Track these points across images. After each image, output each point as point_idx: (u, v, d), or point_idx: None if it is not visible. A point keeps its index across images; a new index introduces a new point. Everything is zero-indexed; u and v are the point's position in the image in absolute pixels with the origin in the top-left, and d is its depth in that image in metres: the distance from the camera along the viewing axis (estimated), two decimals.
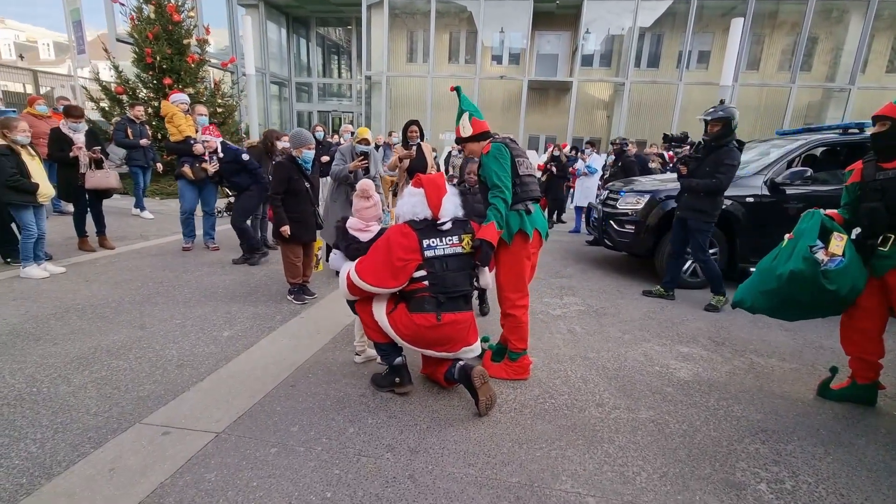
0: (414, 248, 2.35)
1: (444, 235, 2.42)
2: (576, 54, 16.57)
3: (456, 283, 2.40)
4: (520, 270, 2.71)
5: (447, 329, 2.37)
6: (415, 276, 2.37)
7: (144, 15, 10.73)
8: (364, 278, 2.35)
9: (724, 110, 4.06)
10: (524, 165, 2.70)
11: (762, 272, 2.69)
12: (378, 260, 2.37)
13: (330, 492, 1.84)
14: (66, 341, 3.09)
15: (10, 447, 2.03)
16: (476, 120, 2.77)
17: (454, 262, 2.41)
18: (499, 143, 2.67)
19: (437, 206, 2.42)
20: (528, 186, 2.69)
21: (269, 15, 18.65)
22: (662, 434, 2.33)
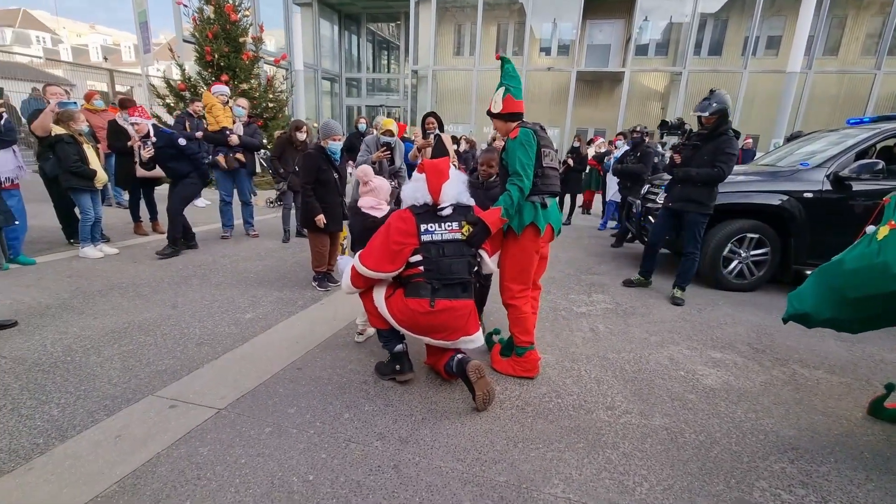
0: (411, 231, 2.32)
1: (444, 221, 2.37)
2: (629, 43, 15.77)
3: (452, 269, 2.34)
4: (526, 263, 2.61)
5: (442, 316, 2.31)
6: (411, 260, 2.34)
7: (205, 16, 11.38)
8: (364, 263, 2.36)
9: (718, 102, 3.85)
10: (549, 157, 2.58)
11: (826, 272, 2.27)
12: (377, 244, 2.36)
13: (313, 475, 1.85)
14: (105, 316, 3.33)
15: (35, 409, 2.21)
16: (510, 98, 2.55)
17: (451, 248, 2.35)
18: (528, 129, 2.51)
19: (436, 192, 2.37)
20: (549, 179, 2.57)
21: (322, 13, 19.22)
22: (675, 444, 2.15)
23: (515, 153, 2.46)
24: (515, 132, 2.51)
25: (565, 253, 6.14)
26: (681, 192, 4.09)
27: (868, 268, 2.04)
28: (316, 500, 1.71)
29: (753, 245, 4.52)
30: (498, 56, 2.66)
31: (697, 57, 15.79)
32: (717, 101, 3.85)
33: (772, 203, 4.44)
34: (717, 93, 3.92)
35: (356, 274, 2.41)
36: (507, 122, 2.59)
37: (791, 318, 2.41)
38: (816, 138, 5.25)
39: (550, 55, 18.06)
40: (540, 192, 2.54)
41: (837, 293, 2.18)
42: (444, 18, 18.29)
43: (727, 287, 4.57)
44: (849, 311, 2.19)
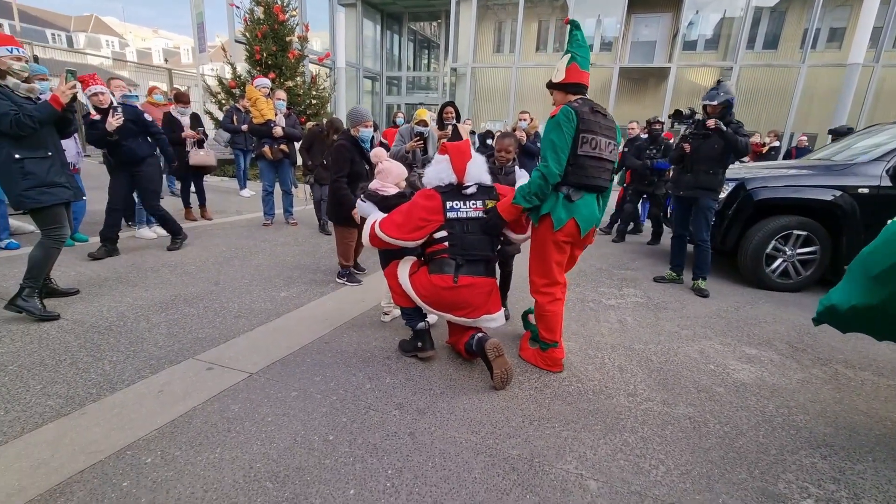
0: (437, 209, 2.37)
1: (468, 199, 2.41)
2: (676, 38, 15.17)
3: (476, 245, 2.38)
4: (544, 256, 2.47)
5: (464, 292, 2.35)
6: (435, 236, 2.39)
7: (255, 16, 11.92)
8: (384, 230, 2.42)
9: (725, 92, 3.91)
10: (590, 144, 2.27)
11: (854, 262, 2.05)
12: (400, 218, 2.43)
13: (333, 435, 1.94)
14: (154, 289, 3.59)
15: (91, 365, 2.43)
16: (575, 67, 2.32)
17: (475, 225, 2.40)
18: (573, 108, 2.26)
19: (461, 171, 2.42)
20: (584, 170, 2.29)
21: (365, 13, 19.65)
22: (698, 433, 2.09)
23: (547, 134, 2.31)
24: (556, 110, 2.31)
25: (598, 249, 6.02)
26: (689, 180, 4.09)
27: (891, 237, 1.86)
28: (334, 458, 1.80)
29: (800, 243, 4.28)
30: (567, 20, 2.44)
31: (751, 51, 14.97)
32: (724, 91, 3.92)
33: (823, 199, 4.19)
34: (724, 84, 4.03)
35: (374, 235, 2.46)
36: (568, 95, 2.37)
37: (820, 315, 2.21)
38: (878, 131, 4.89)
39: (593, 51, 17.65)
40: (568, 182, 2.32)
41: (861, 272, 1.99)
42: (485, 16, 18.26)
43: (770, 287, 4.35)
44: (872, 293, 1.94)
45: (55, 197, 2.89)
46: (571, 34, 2.35)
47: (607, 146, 2.35)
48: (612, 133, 2.39)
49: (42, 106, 2.76)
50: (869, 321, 2.05)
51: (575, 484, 1.73)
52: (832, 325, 2.20)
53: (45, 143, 2.90)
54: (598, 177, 2.36)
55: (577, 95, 2.38)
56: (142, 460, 1.73)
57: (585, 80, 2.37)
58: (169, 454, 1.77)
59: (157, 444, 1.83)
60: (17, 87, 2.80)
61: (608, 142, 2.35)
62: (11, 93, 2.76)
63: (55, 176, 2.91)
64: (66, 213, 3.04)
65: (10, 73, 2.75)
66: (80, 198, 3.17)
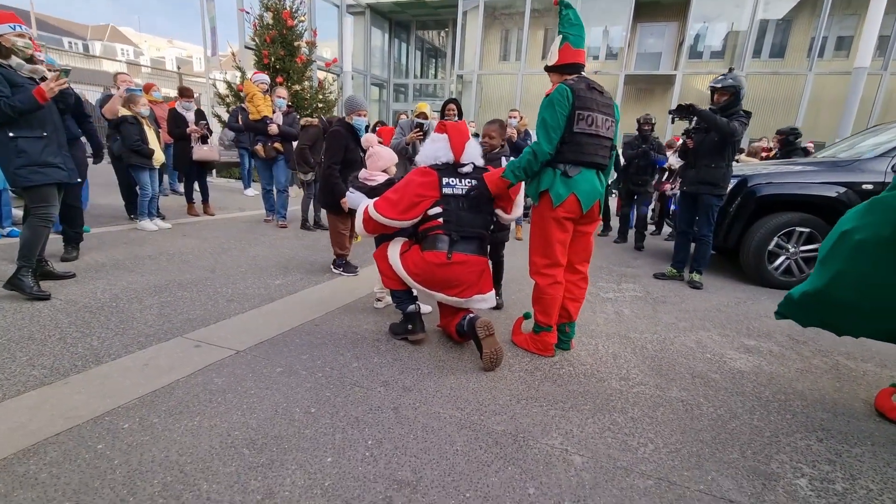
0: (433, 184, 2.37)
1: (464, 177, 2.40)
2: (682, 47, 15.20)
3: (470, 222, 2.38)
4: (546, 234, 2.41)
5: (456, 269, 2.33)
6: (430, 213, 2.38)
7: (264, 22, 12.12)
8: (380, 210, 2.40)
9: (733, 78, 3.86)
10: (586, 121, 2.24)
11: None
12: (395, 196, 2.41)
13: (315, 408, 1.91)
14: (150, 274, 3.60)
15: (79, 339, 2.42)
16: (567, 47, 2.28)
17: (470, 202, 2.38)
18: (568, 86, 2.24)
19: (459, 150, 2.42)
20: (581, 147, 2.25)
21: (374, 21, 19.92)
22: (690, 415, 2.04)
23: (541, 112, 2.29)
24: (551, 89, 2.27)
25: (599, 249, 5.97)
26: (695, 175, 4.09)
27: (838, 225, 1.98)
28: (315, 428, 1.77)
29: (803, 240, 4.21)
30: (556, 1, 2.35)
31: (757, 59, 14.97)
32: (731, 77, 3.89)
33: (827, 195, 4.13)
34: (735, 72, 4.00)
35: (368, 218, 2.45)
36: (564, 75, 2.33)
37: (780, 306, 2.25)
38: (883, 130, 4.83)
39: (599, 59, 17.74)
40: (565, 159, 2.29)
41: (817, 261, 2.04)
42: (492, 25, 18.44)
43: (773, 284, 4.28)
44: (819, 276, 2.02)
45: (46, 177, 2.89)
46: (561, 14, 2.31)
47: (604, 123, 2.31)
48: (609, 110, 2.35)
49: (26, 97, 2.73)
50: (820, 307, 2.06)
51: (559, 458, 1.68)
52: (792, 317, 2.21)
53: (43, 124, 2.91)
54: (596, 153, 2.32)
55: (574, 75, 2.35)
56: (119, 425, 1.71)
57: (581, 59, 2.34)
58: (147, 421, 1.75)
59: (137, 412, 1.80)
60: (21, 68, 2.83)
61: (605, 118, 2.32)
62: (15, 73, 2.79)
63: (49, 156, 2.91)
64: (56, 193, 3.02)
65: (14, 52, 2.79)
66: (74, 179, 3.15)
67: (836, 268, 1.95)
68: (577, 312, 2.58)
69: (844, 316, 2.03)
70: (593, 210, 2.41)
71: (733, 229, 4.43)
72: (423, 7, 19.21)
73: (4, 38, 2.74)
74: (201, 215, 6.32)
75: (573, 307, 2.55)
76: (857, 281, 1.90)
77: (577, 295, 2.55)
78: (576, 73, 2.36)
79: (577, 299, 2.56)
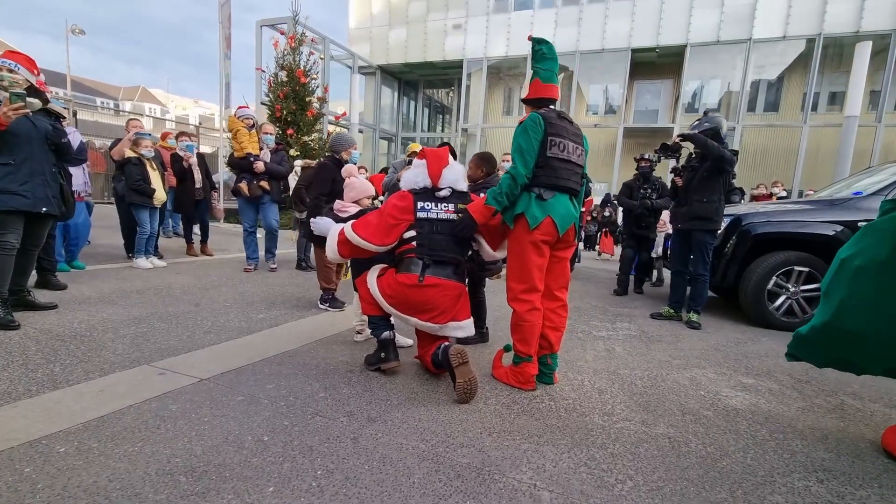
0: (408, 208, 2.36)
1: (441, 202, 2.40)
2: (678, 102, 15.76)
3: (444, 247, 2.34)
4: (523, 259, 2.38)
5: (430, 292, 2.27)
6: (405, 236, 2.36)
7: (279, 79, 12.88)
8: (357, 231, 2.38)
9: (709, 120, 3.93)
10: (558, 147, 2.30)
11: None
12: (372, 218, 2.41)
13: (268, 437, 1.78)
14: (133, 307, 3.56)
15: (41, 366, 2.35)
16: (537, 82, 2.36)
17: (445, 226, 2.38)
18: (539, 114, 2.31)
19: (436, 175, 2.43)
20: (555, 171, 2.30)
21: (384, 80, 21.10)
22: (676, 452, 1.87)
23: (515, 139, 2.33)
24: (524, 117, 2.35)
25: (597, 289, 5.86)
26: (687, 211, 4.04)
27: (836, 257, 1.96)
28: (263, 457, 1.64)
29: (803, 279, 4.09)
30: (529, 37, 2.43)
31: (752, 113, 15.41)
32: (708, 121, 3.96)
33: (823, 233, 4.06)
34: (711, 114, 4.06)
35: (344, 240, 2.41)
36: (537, 108, 2.40)
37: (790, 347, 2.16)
38: (877, 171, 4.83)
39: (598, 114, 18.40)
40: (540, 184, 2.32)
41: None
42: (496, 84, 19.40)
43: (774, 325, 4.10)
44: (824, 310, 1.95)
45: (2, 204, 2.87)
46: (534, 49, 2.39)
47: (575, 150, 2.37)
48: (578, 139, 2.41)
49: None
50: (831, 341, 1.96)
51: (525, 494, 1.52)
52: (804, 357, 2.11)
53: (13, 151, 2.91)
54: (569, 178, 2.35)
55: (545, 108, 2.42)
56: (55, 449, 1.61)
57: (550, 94, 2.39)
58: (85, 445, 1.64)
59: (77, 437, 1.70)
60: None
61: (575, 146, 2.37)
62: None
63: (11, 184, 2.89)
64: (15, 221, 2.96)
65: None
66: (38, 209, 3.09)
67: (839, 296, 1.88)
68: (558, 342, 2.46)
69: (859, 348, 1.91)
70: (569, 234, 2.39)
71: (730, 269, 4.34)
72: (430, 68, 20.36)
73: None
74: (199, 255, 6.37)
75: (554, 336, 2.44)
76: (862, 306, 1.83)
77: (557, 323, 2.46)
78: (546, 106, 2.42)
79: (557, 328, 2.46)
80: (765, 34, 13.91)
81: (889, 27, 12.75)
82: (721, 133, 3.94)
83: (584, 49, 16.05)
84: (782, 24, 13.73)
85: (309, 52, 13.07)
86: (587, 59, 16.35)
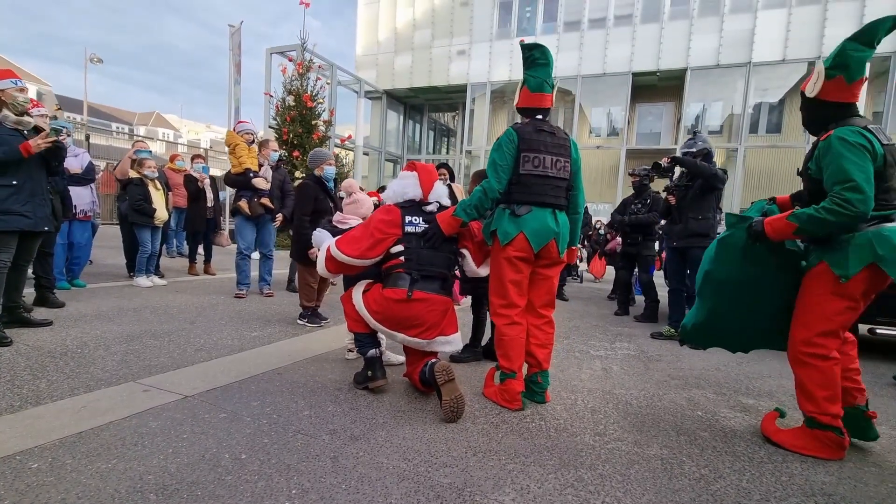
0: (396, 222, 2.35)
1: (428, 216, 2.38)
2: (680, 124, 15.87)
3: (432, 261, 2.32)
4: (499, 274, 2.35)
5: (417, 307, 2.24)
6: (392, 251, 2.34)
7: (287, 104, 13.19)
8: (341, 248, 2.36)
9: (702, 141, 3.98)
10: (532, 162, 2.26)
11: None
12: (357, 233, 2.39)
13: (246, 454, 1.74)
14: (128, 324, 3.56)
15: (28, 381, 2.33)
16: (525, 91, 2.33)
17: (426, 242, 2.34)
18: (514, 129, 2.30)
19: (428, 188, 2.43)
20: (528, 188, 2.27)
21: (390, 104, 21.52)
22: (668, 474, 1.80)
23: (491, 153, 2.33)
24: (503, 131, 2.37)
25: (599, 309, 5.78)
26: (682, 229, 4.02)
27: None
28: (238, 475, 1.60)
29: None
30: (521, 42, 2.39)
31: (755, 134, 15.46)
32: (700, 140, 3.99)
33: None
34: (700, 134, 4.11)
35: (330, 257, 2.40)
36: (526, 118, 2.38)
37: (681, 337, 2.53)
38: None
39: (601, 136, 18.56)
40: (513, 200, 2.28)
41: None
42: (500, 108, 19.70)
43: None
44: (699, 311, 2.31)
45: (5, 223, 2.92)
46: (525, 56, 2.36)
47: (555, 163, 2.32)
48: (561, 150, 2.34)
49: (9, 149, 2.87)
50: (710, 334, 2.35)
51: None
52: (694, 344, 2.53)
53: (16, 173, 2.98)
54: (545, 193, 2.30)
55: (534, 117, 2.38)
56: (28, 465, 1.58)
57: (538, 103, 2.36)
58: (59, 461, 1.61)
59: (52, 453, 1.67)
60: (5, 119, 2.95)
61: (556, 159, 2.32)
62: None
63: (14, 204, 2.95)
64: (12, 240, 3.01)
65: (7, 106, 2.95)
66: (39, 228, 3.12)
67: (709, 305, 2.26)
68: (547, 360, 2.41)
69: (730, 338, 2.33)
70: (551, 251, 2.33)
71: None
72: (435, 92, 20.76)
73: (5, 93, 2.95)
74: (201, 275, 6.41)
75: (541, 354, 2.39)
76: (726, 312, 2.22)
77: (543, 340, 2.40)
78: (536, 115, 2.39)
79: (543, 345, 2.40)
80: (764, 58, 14.07)
81: (888, 50, 12.85)
82: (711, 154, 3.98)
83: (585, 73, 16.31)
84: (781, 48, 13.89)
85: (316, 78, 13.39)
86: (589, 83, 16.58)
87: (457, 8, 18.43)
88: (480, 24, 17.88)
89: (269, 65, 14.94)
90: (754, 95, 14.96)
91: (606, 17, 15.91)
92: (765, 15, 14.02)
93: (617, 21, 15.81)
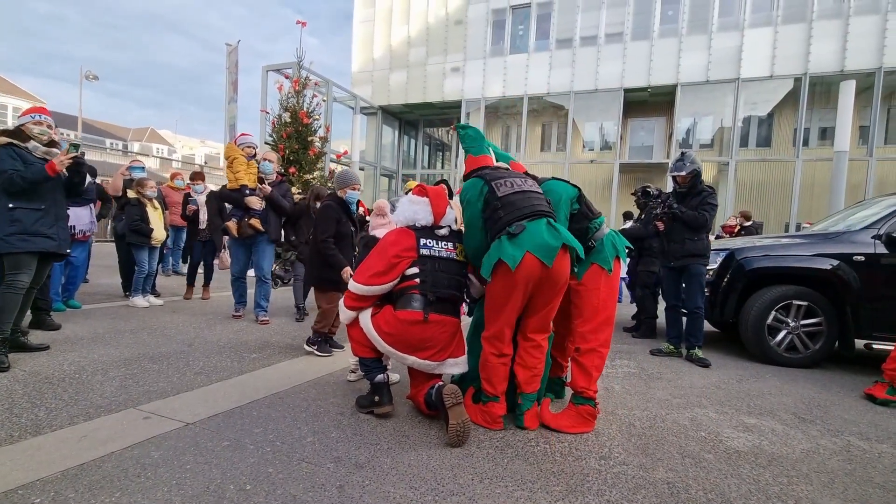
0: (411, 245, 2.36)
1: (441, 240, 2.42)
2: (671, 138, 16.13)
3: (446, 284, 2.36)
4: (496, 298, 2.28)
5: (432, 328, 2.27)
6: (407, 273, 2.35)
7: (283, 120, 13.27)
8: (357, 280, 2.38)
9: (691, 161, 4.05)
10: (506, 185, 2.29)
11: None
12: (372, 261, 2.40)
13: (251, 485, 1.72)
14: (125, 348, 3.52)
15: (27, 410, 2.30)
16: (469, 158, 2.56)
17: (447, 265, 2.39)
18: (470, 182, 2.41)
19: (440, 213, 2.45)
20: (513, 205, 2.24)
21: (385, 120, 21.73)
22: (675, 499, 1.79)
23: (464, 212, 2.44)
24: (459, 189, 2.50)
25: None
26: (680, 248, 4.05)
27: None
28: None
29: (802, 314, 4.04)
30: (453, 127, 2.65)
31: (745, 148, 15.72)
32: (689, 161, 4.05)
33: (820, 267, 4.05)
34: (689, 154, 4.16)
35: (349, 295, 2.42)
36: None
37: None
38: (870, 204, 4.87)
39: (594, 150, 18.79)
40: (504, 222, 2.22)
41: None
42: (494, 123, 19.93)
43: (777, 361, 4.03)
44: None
45: (33, 244, 3.01)
46: (460, 135, 2.61)
47: (524, 182, 2.37)
48: (521, 176, 2.44)
49: (36, 170, 2.98)
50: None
51: None
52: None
53: (43, 198, 3.10)
54: (532, 204, 2.26)
55: None
56: (30, 500, 1.55)
57: (484, 163, 2.53)
58: (62, 496, 1.59)
59: (55, 486, 1.65)
60: (35, 150, 3.11)
61: (523, 179, 2.39)
62: (28, 153, 3.05)
63: (41, 227, 3.06)
64: (31, 262, 3.07)
65: (32, 137, 3.09)
66: (64, 250, 3.26)
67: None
68: (528, 382, 2.35)
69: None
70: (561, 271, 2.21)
71: (728, 303, 4.30)
72: (430, 108, 21.00)
73: (26, 127, 3.10)
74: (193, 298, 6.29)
75: (523, 375, 2.34)
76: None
77: (528, 363, 2.34)
78: None
79: (527, 367, 2.34)
80: (752, 74, 14.38)
81: (872, 65, 13.20)
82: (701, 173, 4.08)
83: (578, 89, 16.58)
84: (769, 64, 14.22)
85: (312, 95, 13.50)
86: (582, 99, 16.85)
87: (451, 26, 18.75)
88: (474, 41, 18.19)
89: (265, 82, 15.03)
90: (743, 110, 15.25)
91: (598, 34, 16.25)
92: (752, 33, 14.39)
93: (608, 38, 16.14)
